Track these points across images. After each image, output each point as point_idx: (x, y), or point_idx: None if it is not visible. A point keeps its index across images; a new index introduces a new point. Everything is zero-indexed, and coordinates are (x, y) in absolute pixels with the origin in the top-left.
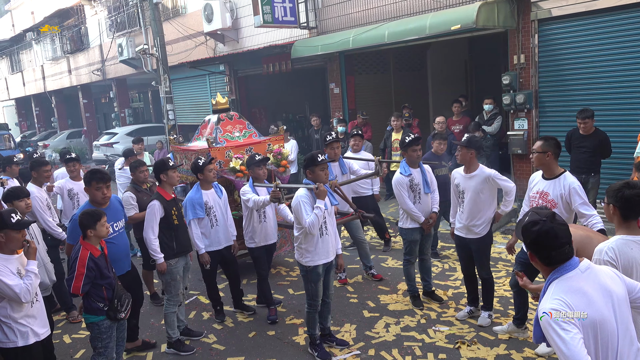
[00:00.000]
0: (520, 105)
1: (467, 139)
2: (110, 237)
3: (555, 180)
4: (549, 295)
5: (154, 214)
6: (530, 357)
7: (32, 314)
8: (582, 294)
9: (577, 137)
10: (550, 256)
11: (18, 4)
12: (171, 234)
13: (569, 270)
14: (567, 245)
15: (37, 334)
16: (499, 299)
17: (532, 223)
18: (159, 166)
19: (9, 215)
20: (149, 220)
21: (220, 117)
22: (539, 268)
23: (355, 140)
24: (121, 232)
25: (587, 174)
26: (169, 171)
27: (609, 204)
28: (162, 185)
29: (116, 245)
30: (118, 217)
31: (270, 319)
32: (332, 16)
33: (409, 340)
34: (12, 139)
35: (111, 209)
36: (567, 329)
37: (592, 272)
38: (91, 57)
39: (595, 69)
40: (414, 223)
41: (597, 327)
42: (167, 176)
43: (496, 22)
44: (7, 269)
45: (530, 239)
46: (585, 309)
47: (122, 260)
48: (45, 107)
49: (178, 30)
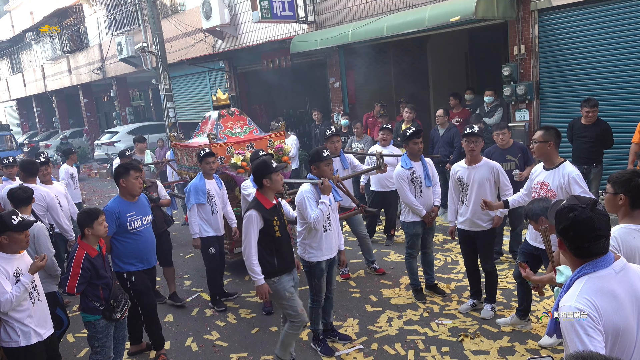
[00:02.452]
0: (521, 96)
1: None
2: (138, 230)
3: (555, 170)
4: (576, 292)
5: (252, 226)
6: (533, 349)
7: (34, 313)
8: (613, 298)
9: (579, 127)
10: (582, 247)
11: (17, 4)
12: (271, 247)
13: (603, 267)
14: (604, 238)
15: (39, 334)
16: (502, 291)
17: (569, 208)
18: (261, 169)
19: (10, 217)
20: (247, 233)
21: (221, 113)
22: (566, 257)
23: (384, 134)
24: (148, 227)
25: (589, 164)
26: (273, 175)
27: (617, 194)
28: (262, 191)
29: (144, 239)
30: (146, 211)
31: (266, 310)
32: (330, 10)
33: (412, 334)
34: (14, 139)
35: (139, 204)
36: (592, 335)
37: (626, 273)
38: (91, 56)
39: (596, 58)
40: (416, 216)
41: (619, 335)
42: (271, 181)
43: (495, 13)
44: (4, 270)
45: (563, 225)
46: (612, 315)
47: (149, 254)
48: (46, 107)
49: (177, 28)
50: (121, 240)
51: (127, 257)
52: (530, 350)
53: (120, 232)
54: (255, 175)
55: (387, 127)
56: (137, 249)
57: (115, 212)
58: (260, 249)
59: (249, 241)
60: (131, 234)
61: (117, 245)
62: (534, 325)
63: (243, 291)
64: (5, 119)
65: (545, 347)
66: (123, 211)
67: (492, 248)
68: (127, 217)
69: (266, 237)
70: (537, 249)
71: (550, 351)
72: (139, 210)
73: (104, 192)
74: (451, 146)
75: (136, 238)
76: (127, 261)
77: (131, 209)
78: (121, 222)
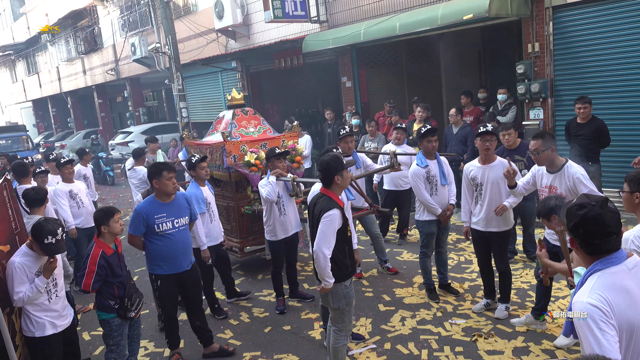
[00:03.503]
0: (535, 94)
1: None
2: (168, 233)
3: (560, 173)
4: (588, 288)
5: (334, 225)
6: (548, 349)
7: (51, 308)
8: (626, 293)
9: (575, 125)
10: (593, 244)
11: (32, 6)
12: (345, 248)
13: (615, 264)
14: (614, 235)
15: (55, 326)
16: (516, 291)
17: (579, 206)
18: (336, 165)
19: (47, 235)
20: (325, 233)
21: (236, 112)
22: (578, 255)
23: (398, 133)
24: (182, 230)
25: (585, 162)
26: (344, 171)
27: (634, 192)
28: (332, 188)
29: (173, 242)
30: (181, 213)
31: (279, 309)
32: (342, 9)
33: (425, 334)
34: (30, 140)
35: (175, 204)
36: (605, 329)
37: (639, 270)
38: (105, 57)
39: (612, 55)
40: (431, 215)
41: (634, 331)
42: (342, 178)
43: (509, 11)
44: (26, 271)
45: (574, 222)
46: (626, 310)
47: (178, 258)
48: (61, 107)
49: (189, 28)
50: (151, 241)
51: (155, 259)
52: (545, 350)
53: (149, 233)
54: (327, 172)
55: (401, 126)
56: (165, 251)
57: (143, 214)
58: (334, 250)
59: (328, 242)
60: (159, 236)
61: (148, 246)
62: (549, 325)
63: (256, 290)
64: (21, 120)
65: (561, 348)
66: (152, 213)
67: (506, 248)
68: (156, 219)
69: (341, 237)
70: (555, 246)
71: (565, 352)
72: (170, 212)
73: (118, 192)
74: (465, 144)
75: (165, 240)
76: (154, 263)
77: (162, 210)
78: (149, 224)
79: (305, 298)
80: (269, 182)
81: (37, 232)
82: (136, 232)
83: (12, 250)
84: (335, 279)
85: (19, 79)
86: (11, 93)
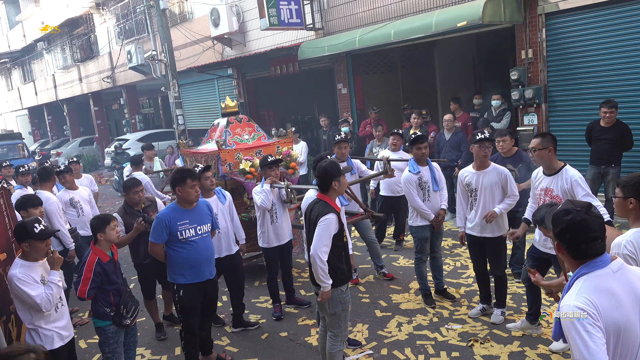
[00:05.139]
0: (529, 100)
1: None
2: (191, 240)
3: (557, 176)
4: (575, 292)
5: (328, 229)
6: (544, 353)
7: (57, 318)
8: (611, 296)
9: (599, 129)
10: (579, 249)
11: (29, 14)
12: (341, 253)
13: (600, 267)
14: (599, 239)
15: (62, 337)
16: (512, 295)
17: (565, 212)
18: (332, 171)
19: (33, 225)
20: (322, 237)
21: (230, 120)
22: (565, 260)
23: (394, 139)
24: (204, 237)
25: (607, 164)
26: (341, 177)
27: (627, 198)
28: (329, 194)
29: (196, 249)
30: (203, 220)
31: (275, 316)
32: (338, 17)
33: (422, 339)
34: (26, 147)
35: (197, 211)
36: (592, 332)
37: (624, 272)
38: (101, 64)
39: (605, 62)
40: (424, 221)
41: (621, 333)
42: (339, 183)
43: (503, 18)
44: (30, 277)
45: (560, 227)
46: (612, 312)
47: (201, 266)
48: (57, 115)
49: (185, 36)
50: (174, 249)
51: (178, 267)
52: (541, 355)
53: (172, 240)
54: (324, 177)
55: (397, 132)
56: (189, 259)
57: (166, 220)
58: (330, 255)
59: (324, 245)
60: (183, 243)
61: (170, 254)
62: (544, 329)
63: (252, 297)
64: (17, 128)
65: (556, 352)
66: (174, 219)
67: (501, 253)
68: (179, 225)
69: (337, 242)
70: (545, 253)
71: (561, 356)
72: (193, 219)
73: (114, 199)
74: (458, 150)
75: (189, 248)
76: (177, 272)
77: (184, 217)
78: (172, 231)
79: (302, 304)
80: (263, 189)
81: (23, 230)
82: (158, 240)
83: (9, 258)
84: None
85: (14, 87)
86: (7, 101)
